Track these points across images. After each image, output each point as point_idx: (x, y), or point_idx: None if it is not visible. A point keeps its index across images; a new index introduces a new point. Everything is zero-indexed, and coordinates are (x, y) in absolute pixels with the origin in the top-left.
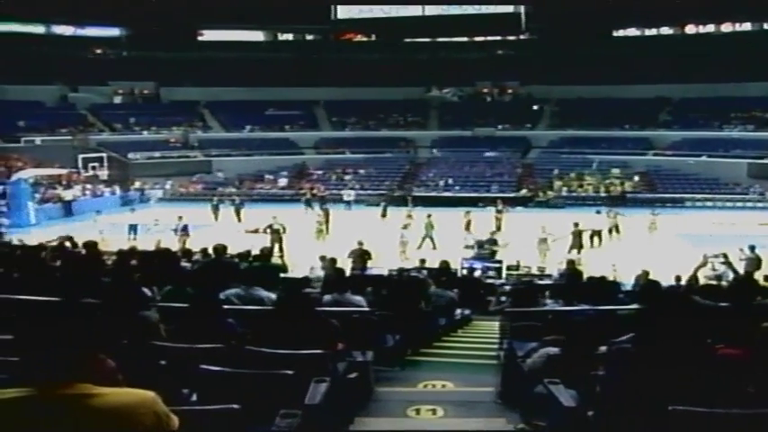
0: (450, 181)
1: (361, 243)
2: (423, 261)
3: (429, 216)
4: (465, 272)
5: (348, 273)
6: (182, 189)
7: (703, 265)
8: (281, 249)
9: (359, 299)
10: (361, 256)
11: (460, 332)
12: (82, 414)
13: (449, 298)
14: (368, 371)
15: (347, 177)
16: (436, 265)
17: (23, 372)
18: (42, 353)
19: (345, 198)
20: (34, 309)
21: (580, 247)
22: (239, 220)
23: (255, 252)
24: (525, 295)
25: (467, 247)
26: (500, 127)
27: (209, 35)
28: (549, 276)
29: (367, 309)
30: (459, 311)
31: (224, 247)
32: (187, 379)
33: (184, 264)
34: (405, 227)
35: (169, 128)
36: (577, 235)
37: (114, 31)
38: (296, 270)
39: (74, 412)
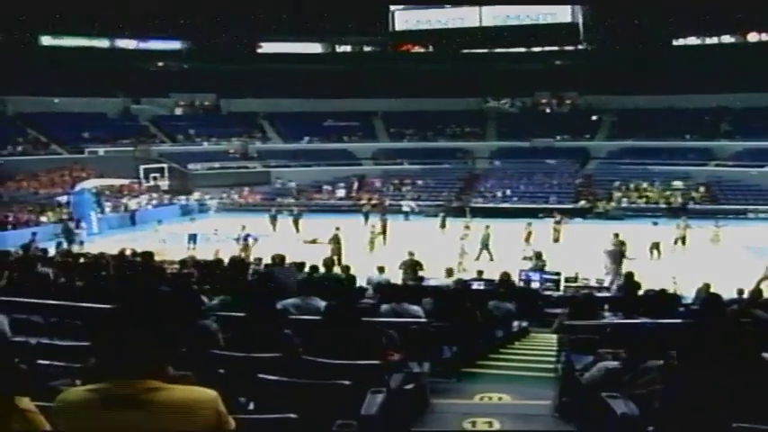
0: (509, 192)
1: (411, 254)
2: (480, 272)
3: (487, 227)
4: (522, 283)
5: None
6: (240, 199)
7: (766, 277)
8: (339, 261)
9: (416, 309)
10: (412, 267)
11: (518, 344)
12: (150, 406)
13: (506, 310)
14: (424, 382)
15: (405, 188)
16: (494, 277)
17: (98, 370)
18: (118, 352)
19: (404, 208)
20: (104, 315)
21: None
22: (297, 230)
23: (314, 263)
24: (584, 308)
25: (525, 258)
26: (558, 138)
27: (267, 47)
28: (608, 289)
29: (424, 319)
30: (516, 323)
31: (282, 257)
32: (245, 388)
33: (243, 273)
34: (463, 237)
35: (228, 139)
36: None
37: (176, 45)
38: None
39: (143, 404)
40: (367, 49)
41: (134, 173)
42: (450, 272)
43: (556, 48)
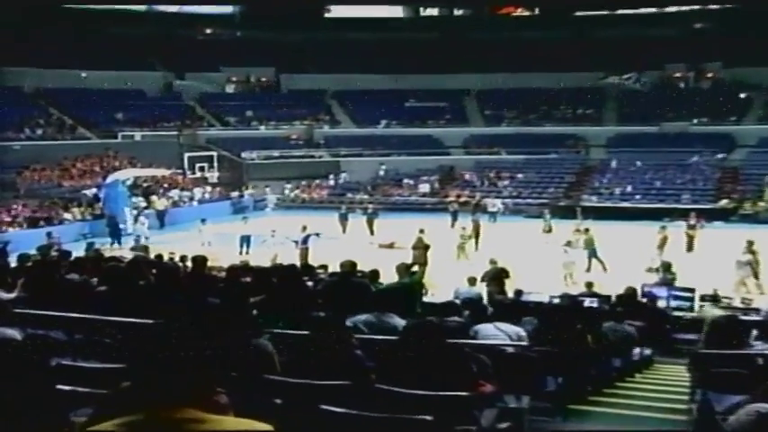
0: (630, 188)
1: (494, 261)
2: (590, 285)
3: (587, 230)
4: (646, 301)
5: (486, 299)
6: (304, 195)
7: None
8: (423, 270)
9: (516, 330)
10: (498, 278)
11: (639, 377)
12: None
13: (625, 334)
14: (522, 420)
15: (502, 182)
16: (609, 292)
17: (132, 397)
18: (157, 375)
19: (491, 208)
20: (142, 331)
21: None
22: (372, 232)
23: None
24: (726, 334)
25: (650, 270)
26: (695, 121)
27: (338, 11)
28: (757, 311)
29: (524, 343)
30: (637, 351)
31: (353, 264)
32: (306, 421)
33: (303, 283)
34: (568, 243)
35: (290, 122)
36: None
37: (227, 8)
38: (438, 294)
39: None
40: (458, 12)
41: (177, 162)
42: (566, 281)
43: (695, 7)
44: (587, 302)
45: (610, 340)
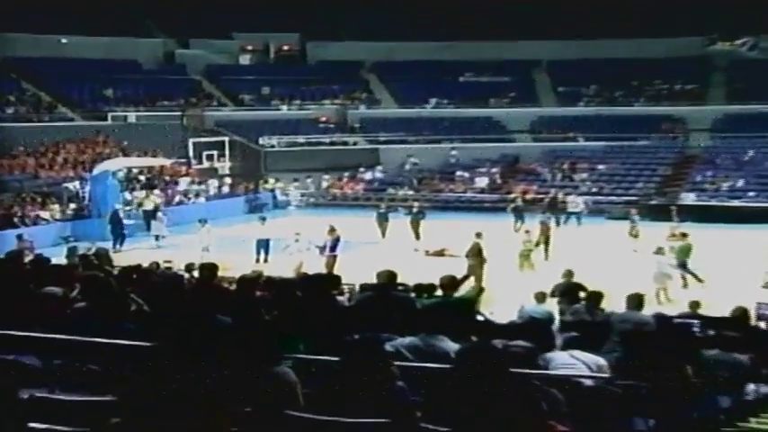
0: (741, 183)
1: (569, 274)
2: (695, 305)
3: (684, 235)
4: (763, 324)
5: (558, 319)
6: (335, 190)
7: None
8: (479, 281)
9: (595, 359)
10: (572, 293)
11: (755, 422)
12: None
13: (736, 364)
14: None
15: (579, 176)
16: (714, 312)
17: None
18: (155, 408)
19: (571, 207)
20: (137, 356)
21: None
22: (417, 236)
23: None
24: None
25: (766, 285)
26: None
27: None
28: None
29: (606, 375)
30: (752, 387)
31: (393, 275)
32: None
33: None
34: (660, 251)
35: (319, 101)
36: None
37: None
38: (498, 312)
39: None
40: None
41: (181, 149)
42: (640, 301)
43: None
44: (687, 325)
45: (715, 373)
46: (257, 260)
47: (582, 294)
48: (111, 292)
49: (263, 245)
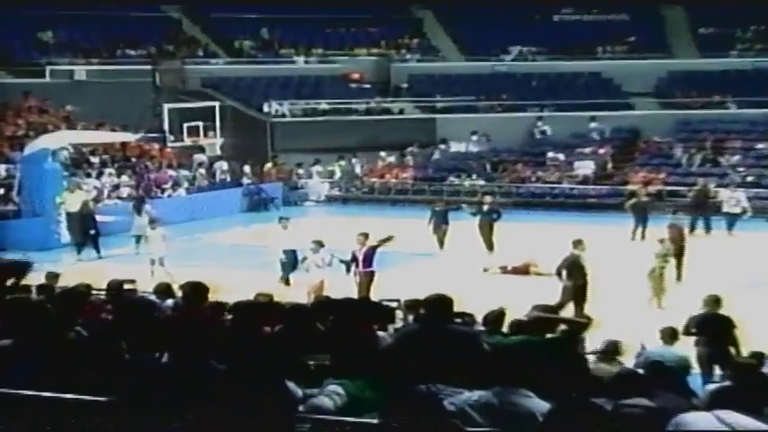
0: None
1: (714, 302)
2: None
3: None
4: None
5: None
6: (371, 179)
7: None
8: (580, 309)
9: (754, 424)
10: (716, 329)
11: None
12: None
13: None
14: None
15: (727, 158)
16: None
17: None
18: None
19: (728, 207)
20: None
21: None
22: (490, 246)
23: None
24: None
25: None
26: None
27: None
28: None
29: None
30: None
31: (449, 302)
32: None
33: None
34: None
35: (349, 50)
36: None
37: None
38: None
39: None
40: None
41: (150, 120)
42: None
43: None
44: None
45: None
46: (286, 281)
47: (732, 332)
48: (46, 323)
49: (290, 258)
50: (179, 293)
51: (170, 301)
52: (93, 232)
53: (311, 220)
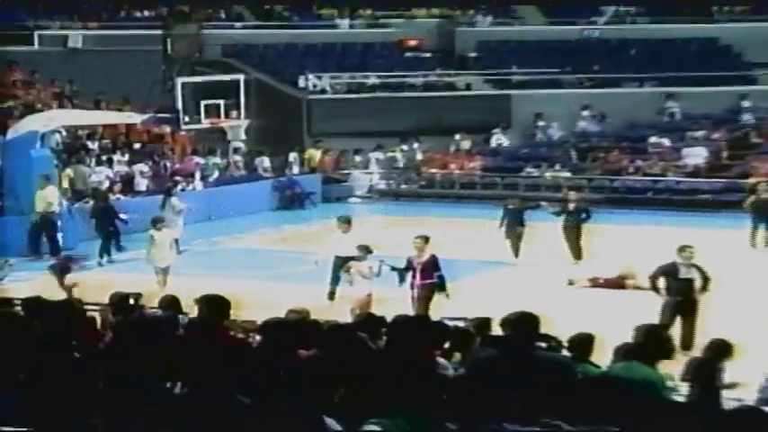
0: None
1: None
2: None
3: None
4: None
5: None
6: (431, 170)
7: None
8: (689, 333)
9: None
10: None
11: None
12: None
13: None
14: None
15: None
16: None
17: None
18: None
19: None
20: None
21: None
22: (578, 253)
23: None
24: None
25: None
26: None
27: None
28: None
29: None
30: None
31: (535, 322)
32: None
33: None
34: None
35: (403, 9)
36: None
37: None
38: (740, 393)
39: None
40: None
41: (162, 96)
42: None
43: None
44: None
45: None
46: (330, 295)
47: None
48: (32, 344)
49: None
50: (192, 309)
51: (181, 319)
52: (111, 229)
53: (357, 221)
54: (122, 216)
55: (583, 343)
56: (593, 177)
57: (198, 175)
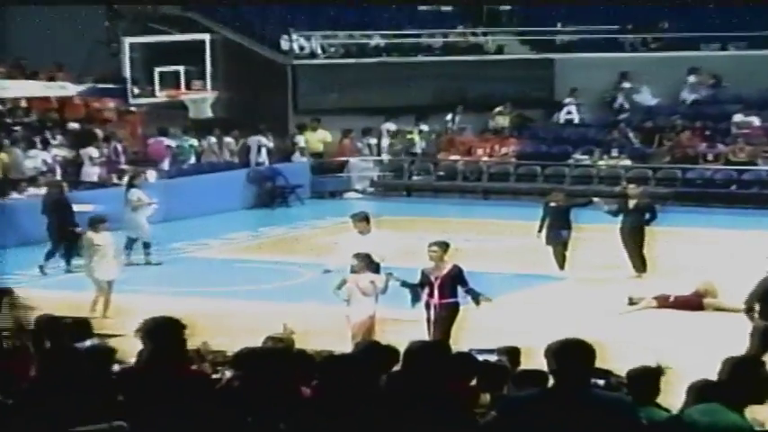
0: None
1: None
2: None
3: None
4: None
5: None
6: (451, 156)
7: None
8: None
9: None
10: None
11: None
12: None
13: None
14: None
15: None
16: None
17: None
18: None
19: None
20: None
21: None
22: (640, 263)
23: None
24: None
25: None
26: None
27: None
28: None
29: None
30: None
31: (588, 354)
32: None
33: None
34: None
35: None
36: None
37: None
38: None
39: None
40: None
41: (104, 60)
42: None
43: None
44: None
45: None
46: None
47: None
48: None
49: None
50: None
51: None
52: (70, 229)
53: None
54: (85, 208)
55: (648, 380)
56: (661, 166)
57: (167, 162)
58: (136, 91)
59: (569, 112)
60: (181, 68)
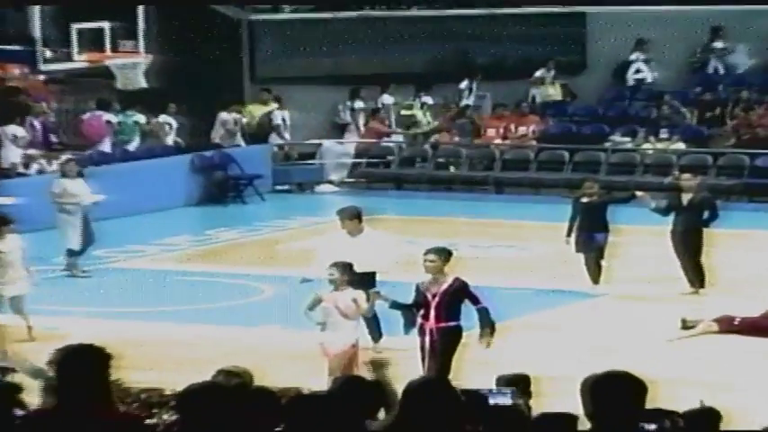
0: None
1: None
2: None
3: None
4: None
5: None
6: (450, 137)
7: None
8: None
9: None
10: None
11: None
12: None
13: None
14: None
15: None
16: None
17: None
18: None
19: None
20: None
21: None
22: (696, 276)
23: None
24: None
25: None
26: None
27: None
28: None
29: None
30: None
31: (639, 391)
32: None
33: None
34: None
35: None
36: None
37: None
38: None
39: None
40: None
41: (13, 21)
42: None
43: None
44: None
45: None
46: (375, 339)
47: None
48: None
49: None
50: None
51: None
52: None
53: (329, 224)
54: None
55: (710, 421)
56: (723, 151)
57: (107, 142)
58: (48, 54)
59: (638, 70)
60: (105, 25)
